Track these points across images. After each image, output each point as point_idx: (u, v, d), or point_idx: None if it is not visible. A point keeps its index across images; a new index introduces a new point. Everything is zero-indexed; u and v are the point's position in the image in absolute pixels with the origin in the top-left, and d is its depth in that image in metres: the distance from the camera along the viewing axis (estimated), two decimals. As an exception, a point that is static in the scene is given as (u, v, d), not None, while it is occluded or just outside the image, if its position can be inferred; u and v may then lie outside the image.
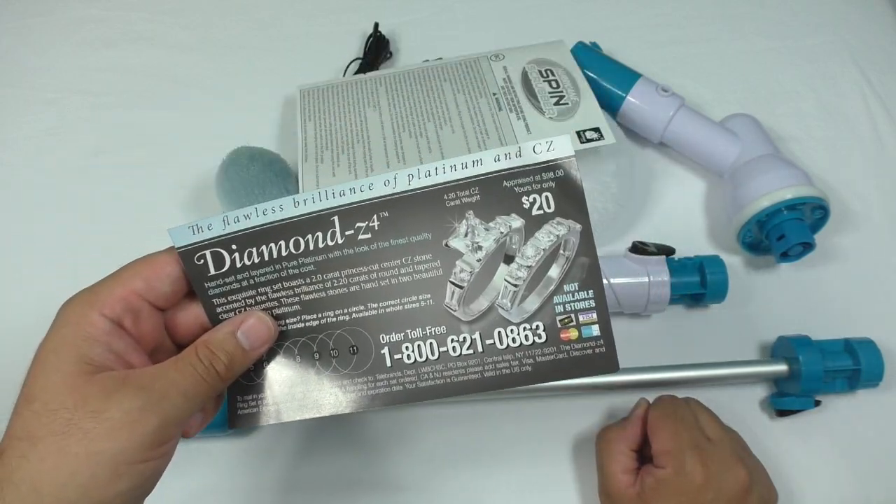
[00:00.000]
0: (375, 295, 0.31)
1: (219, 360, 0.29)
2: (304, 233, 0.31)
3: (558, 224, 0.31)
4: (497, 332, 0.31)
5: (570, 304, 0.31)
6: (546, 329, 0.31)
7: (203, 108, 0.65)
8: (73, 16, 0.70)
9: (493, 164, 0.31)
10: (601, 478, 0.45)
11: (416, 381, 0.31)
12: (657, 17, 0.68)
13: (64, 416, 0.26)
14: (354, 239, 0.31)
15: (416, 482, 0.49)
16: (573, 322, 0.31)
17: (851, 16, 0.67)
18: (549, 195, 0.30)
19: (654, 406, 0.45)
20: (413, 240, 0.31)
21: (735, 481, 0.40)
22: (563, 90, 0.53)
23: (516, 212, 0.31)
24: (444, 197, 0.31)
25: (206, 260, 0.31)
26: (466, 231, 0.31)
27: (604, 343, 0.31)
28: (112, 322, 0.28)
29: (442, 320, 0.31)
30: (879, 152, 0.60)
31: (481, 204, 0.31)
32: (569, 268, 0.31)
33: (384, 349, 0.32)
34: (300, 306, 0.32)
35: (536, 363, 0.31)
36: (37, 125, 0.64)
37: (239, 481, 0.49)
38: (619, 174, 0.54)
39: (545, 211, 0.31)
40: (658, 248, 0.51)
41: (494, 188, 0.31)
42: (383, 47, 0.65)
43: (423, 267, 0.31)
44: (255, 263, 0.32)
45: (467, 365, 0.31)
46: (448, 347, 0.31)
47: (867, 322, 0.52)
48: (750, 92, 0.63)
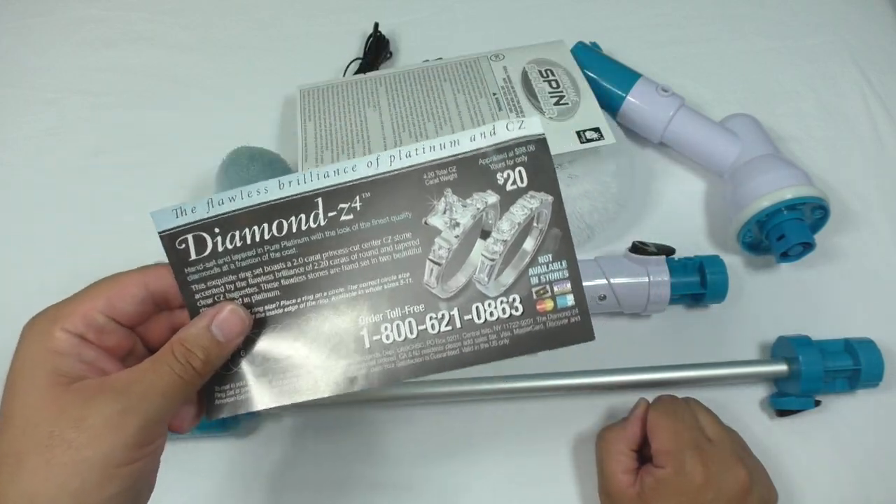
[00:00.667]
0: (356, 276, 0.32)
1: (195, 356, 0.29)
2: (288, 215, 0.32)
3: (531, 197, 0.32)
4: (475, 307, 0.31)
5: (545, 276, 0.32)
6: (522, 301, 0.31)
7: (203, 108, 0.65)
8: (73, 16, 0.70)
9: (469, 144, 0.32)
10: (601, 477, 0.45)
11: (394, 360, 0.32)
12: (657, 17, 0.68)
13: (46, 429, 0.26)
14: (337, 220, 0.32)
15: (415, 482, 0.49)
16: (548, 293, 0.32)
17: (851, 16, 0.67)
18: (522, 170, 0.31)
19: (654, 406, 0.45)
20: (394, 219, 0.32)
21: (735, 481, 0.40)
22: (563, 90, 0.53)
23: (492, 188, 0.32)
24: (424, 176, 0.32)
25: (187, 244, 0.32)
26: (445, 208, 0.32)
27: (578, 312, 0.32)
28: (76, 336, 0.28)
29: (421, 298, 0.32)
30: (879, 152, 0.60)
31: (459, 182, 0.32)
32: (542, 240, 0.32)
33: (363, 331, 0.32)
34: (280, 291, 0.32)
35: (514, 336, 0.31)
36: (37, 125, 0.64)
37: (239, 481, 0.49)
38: (619, 174, 0.54)
39: (518, 186, 0.31)
40: (658, 248, 0.51)
41: (471, 166, 0.32)
42: (383, 47, 0.65)
43: (403, 246, 0.32)
44: (236, 247, 0.32)
45: (446, 342, 0.31)
46: (427, 325, 0.32)
47: (867, 322, 0.52)
48: (750, 92, 0.63)
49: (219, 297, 0.32)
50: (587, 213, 0.53)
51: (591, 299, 0.50)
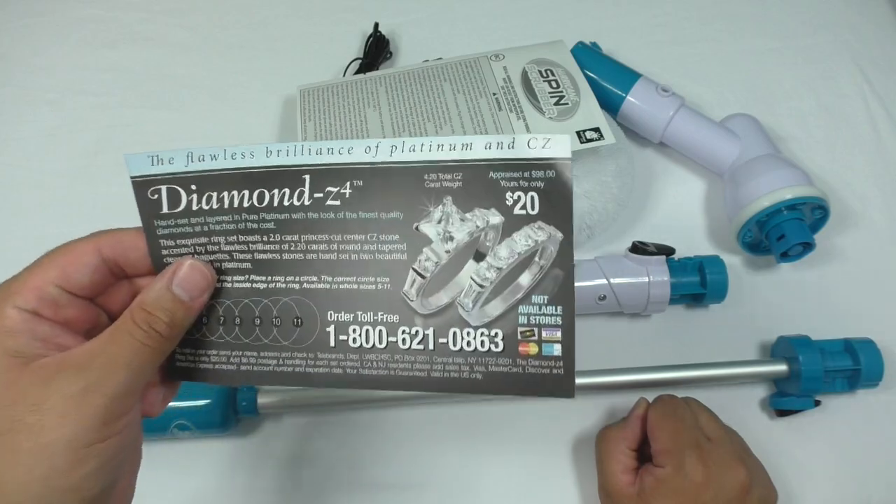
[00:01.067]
0: (332, 268, 0.29)
1: (158, 320, 0.27)
2: (271, 186, 0.29)
3: (539, 229, 0.28)
4: (452, 332, 0.29)
5: (536, 317, 0.29)
6: (505, 339, 0.29)
7: (203, 108, 0.65)
8: (73, 16, 0.70)
9: (482, 151, 0.28)
10: (601, 477, 0.45)
11: (358, 367, 0.29)
12: (657, 17, 0.68)
13: (6, 414, 0.24)
14: (322, 203, 0.29)
15: (415, 482, 0.49)
16: (535, 336, 0.29)
17: (851, 16, 0.67)
18: (536, 196, 0.28)
19: (654, 406, 0.45)
20: (383, 216, 0.29)
21: (735, 481, 0.40)
22: (563, 90, 0.53)
23: (497, 207, 0.28)
24: (425, 176, 0.29)
25: (160, 195, 0.29)
26: (441, 218, 0.29)
27: (563, 366, 0.29)
28: (28, 313, 0.26)
29: (396, 308, 0.29)
30: (879, 152, 0.60)
31: (462, 191, 0.28)
32: (541, 278, 0.28)
33: (330, 327, 0.29)
34: (251, 265, 0.30)
35: (488, 372, 0.29)
36: (37, 125, 0.64)
37: (239, 481, 0.49)
38: (620, 174, 0.54)
39: (528, 212, 0.28)
40: (658, 248, 0.51)
41: (479, 177, 0.28)
42: (383, 47, 0.65)
43: (388, 248, 0.29)
44: (212, 209, 0.29)
45: (415, 360, 0.29)
46: (398, 338, 0.29)
47: (867, 322, 0.52)
48: (750, 92, 0.63)
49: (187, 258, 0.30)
50: (587, 213, 0.53)
51: (591, 299, 0.50)
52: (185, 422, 0.47)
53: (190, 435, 0.48)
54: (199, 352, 0.30)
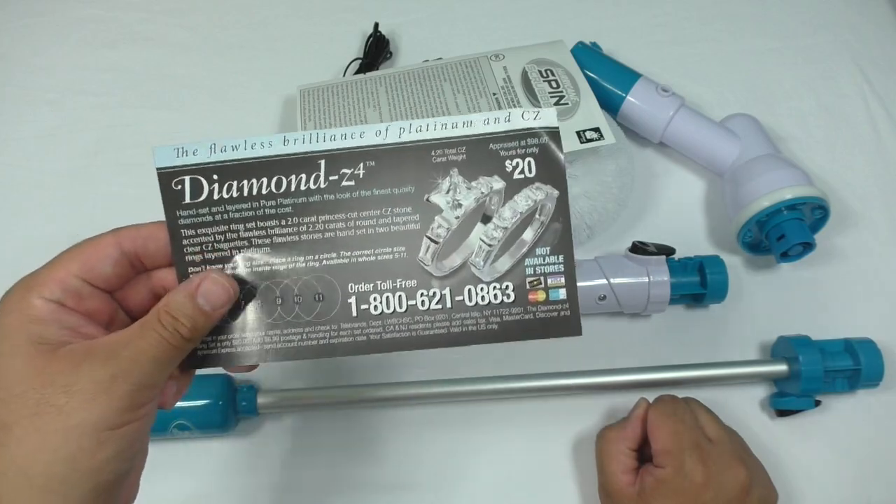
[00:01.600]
0: (350, 243, 0.32)
1: (182, 324, 0.28)
2: (288, 173, 0.31)
3: (537, 189, 0.31)
4: (467, 290, 0.31)
5: (541, 267, 0.32)
6: (515, 289, 0.32)
7: (203, 108, 0.65)
8: (73, 16, 0.70)
9: (482, 127, 0.31)
10: (601, 477, 0.45)
11: (381, 332, 0.31)
12: (657, 17, 0.68)
13: (33, 396, 0.26)
14: (337, 185, 0.31)
15: (415, 482, 0.49)
16: (542, 284, 0.32)
17: (851, 16, 0.67)
18: (532, 160, 0.31)
19: (654, 406, 0.45)
20: (396, 191, 0.32)
21: (735, 481, 0.40)
22: (563, 90, 0.53)
23: (499, 174, 0.32)
24: (432, 153, 0.31)
25: (183, 186, 0.31)
26: (449, 188, 0.32)
27: (569, 307, 0.32)
28: (53, 303, 0.28)
29: (413, 274, 0.32)
30: (879, 152, 0.60)
31: (466, 163, 0.31)
32: (542, 232, 0.32)
33: (351, 298, 0.31)
34: (270, 248, 0.32)
35: (503, 322, 0.32)
36: (37, 125, 0.64)
37: (239, 481, 0.49)
38: (620, 174, 0.54)
39: (526, 175, 0.31)
40: (658, 248, 0.51)
41: (481, 149, 0.31)
42: (383, 47, 0.65)
43: (402, 219, 0.32)
44: (232, 198, 0.31)
45: (434, 319, 0.31)
46: (417, 301, 0.31)
47: (867, 322, 0.52)
48: (750, 92, 0.63)
49: (207, 246, 0.31)
50: (587, 213, 0.53)
51: (591, 299, 0.50)
52: (185, 422, 0.47)
53: (190, 435, 0.48)
54: (219, 337, 0.31)
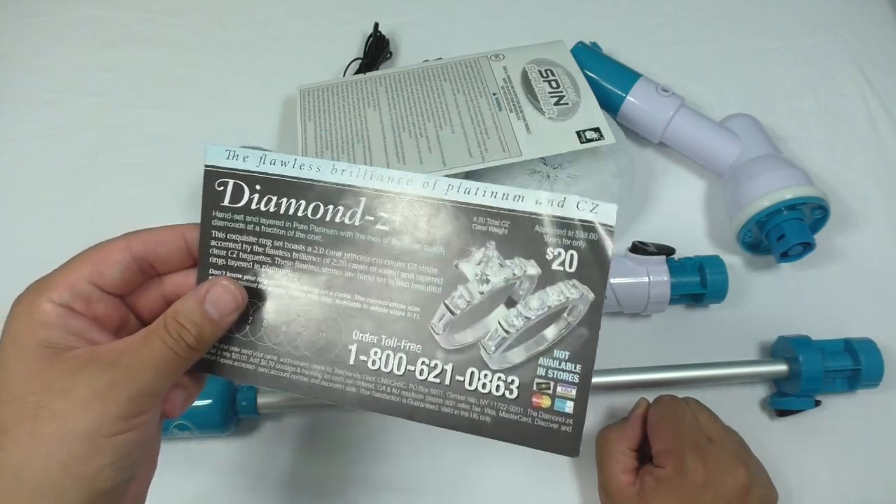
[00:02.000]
0: (367, 289, 0.31)
1: (188, 332, 0.28)
2: (327, 201, 0.31)
3: (573, 287, 0.29)
4: (470, 372, 0.30)
5: (554, 372, 0.29)
6: (520, 387, 0.30)
7: (203, 108, 0.65)
8: (73, 16, 0.70)
9: (532, 206, 0.30)
10: (601, 477, 0.45)
11: (372, 389, 0.30)
12: (657, 17, 0.68)
13: (32, 400, 0.26)
14: (371, 227, 0.31)
15: (415, 482, 0.49)
16: (550, 390, 0.29)
17: (851, 16, 0.67)
18: (575, 255, 0.30)
19: (654, 406, 0.45)
20: (426, 249, 0.30)
21: (735, 481, 0.40)
22: (563, 90, 0.53)
23: (537, 259, 0.30)
24: (474, 218, 0.30)
25: (226, 188, 0.31)
26: (481, 260, 0.30)
27: (573, 424, 0.29)
28: (62, 307, 0.28)
29: (421, 339, 0.30)
30: (879, 152, 0.60)
31: (506, 238, 0.30)
32: (566, 334, 0.30)
33: (353, 345, 0.31)
34: (291, 272, 0.31)
35: (497, 417, 0.30)
36: (37, 125, 0.64)
37: (239, 481, 0.49)
38: (620, 174, 0.54)
39: (565, 269, 0.30)
40: (658, 248, 0.51)
41: (524, 228, 0.30)
42: (383, 47, 0.65)
43: (425, 279, 0.30)
44: (269, 212, 0.31)
45: (428, 393, 0.30)
46: (416, 368, 0.30)
47: (867, 322, 0.52)
48: (750, 92, 0.63)
49: (232, 253, 0.31)
50: (587, 213, 0.53)
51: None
52: (185, 422, 0.47)
53: (190, 435, 0.48)
54: (222, 346, 0.31)
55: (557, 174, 0.52)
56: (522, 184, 0.52)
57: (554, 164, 0.52)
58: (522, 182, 0.52)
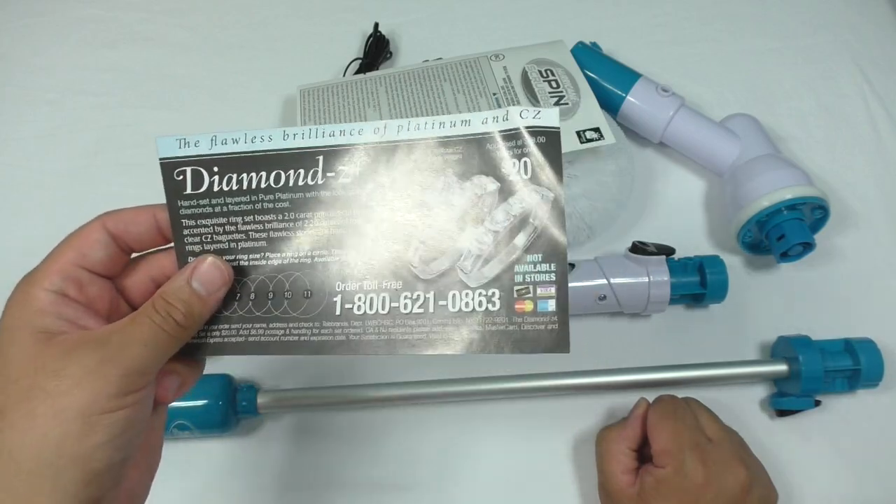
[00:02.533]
0: (342, 241, 0.31)
1: (176, 309, 0.29)
2: (287, 167, 0.31)
3: (533, 191, 0.30)
4: (451, 295, 0.30)
5: (531, 275, 0.30)
6: (501, 297, 0.30)
7: (203, 108, 0.65)
8: (73, 16, 0.70)
9: (479, 126, 0.31)
10: (601, 477, 0.45)
11: (360, 333, 0.31)
12: (657, 17, 0.68)
13: (26, 382, 0.26)
14: (335, 181, 0.31)
15: (415, 482, 0.49)
16: (530, 294, 0.30)
17: (851, 16, 0.67)
18: (528, 161, 0.30)
19: (654, 406, 0.45)
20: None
21: (735, 481, 0.40)
22: (563, 90, 0.53)
23: (493, 175, 0.30)
24: (429, 151, 0.31)
25: (185, 176, 0.32)
26: (443, 187, 0.31)
27: (558, 320, 0.29)
28: (55, 293, 0.28)
29: (400, 276, 0.31)
30: (879, 152, 0.60)
31: (462, 162, 0.31)
32: (535, 237, 0.30)
33: (337, 297, 0.31)
34: (266, 243, 0.32)
35: (485, 331, 0.30)
36: (37, 125, 0.64)
37: (239, 481, 0.49)
38: (620, 174, 0.54)
39: (521, 177, 0.30)
40: (658, 248, 0.51)
41: (477, 148, 0.30)
42: (383, 47, 0.65)
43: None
44: (231, 190, 0.31)
45: (415, 324, 0.30)
46: (400, 303, 0.30)
47: (867, 322, 0.52)
48: (750, 92, 0.63)
49: (206, 237, 0.32)
50: (587, 213, 0.53)
51: (591, 299, 0.50)
52: (185, 422, 0.47)
53: (190, 435, 0.48)
54: (210, 328, 0.32)
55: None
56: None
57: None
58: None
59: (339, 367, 0.53)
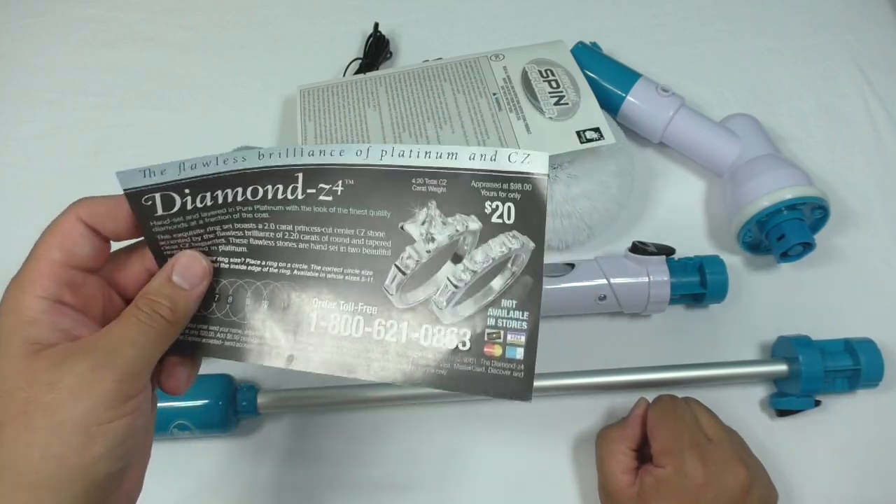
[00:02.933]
0: (321, 258, 0.31)
1: (161, 304, 0.29)
2: (265, 183, 0.31)
3: (514, 237, 0.30)
4: (424, 328, 0.30)
5: (503, 321, 0.30)
6: (472, 338, 0.30)
7: (203, 108, 0.65)
8: (73, 16, 0.70)
9: (466, 162, 0.30)
10: (601, 477, 0.45)
11: (334, 353, 0.31)
12: (657, 17, 0.68)
13: (21, 396, 0.26)
14: (315, 198, 0.31)
15: (415, 482, 0.49)
16: (500, 339, 0.30)
17: (851, 16, 0.67)
18: (512, 206, 0.30)
19: (654, 406, 0.45)
20: (372, 213, 0.31)
21: (735, 481, 0.40)
22: (563, 90, 0.53)
23: (477, 214, 0.30)
24: (412, 181, 0.31)
25: (154, 202, 0.31)
26: (425, 219, 0.31)
27: (524, 368, 0.30)
28: (50, 300, 0.28)
29: (376, 301, 0.31)
30: (879, 152, 0.60)
31: (446, 197, 0.30)
32: (512, 283, 0.30)
33: (313, 313, 0.31)
34: (247, 248, 0.32)
35: (452, 369, 0.30)
36: (37, 125, 0.64)
37: (239, 481, 0.49)
38: (619, 174, 0.54)
39: (504, 221, 0.30)
40: (658, 248, 0.51)
41: (462, 185, 0.30)
42: (383, 47, 0.65)
43: (374, 243, 0.31)
44: (207, 206, 0.31)
45: (385, 351, 0.31)
46: (374, 329, 0.31)
47: (867, 322, 0.52)
48: (750, 92, 0.63)
49: (184, 245, 0.31)
50: (587, 213, 0.53)
51: (591, 299, 0.50)
52: (185, 422, 0.47)
53: (190, 435, 0.48)
54: (189, 326, 0.31)
55: (557, 174, 0.52)
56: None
57: (554, 164, 0.52)
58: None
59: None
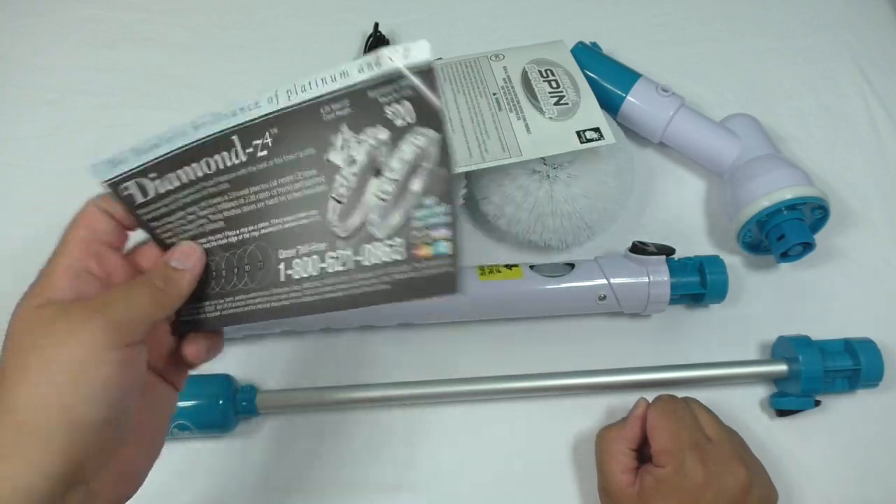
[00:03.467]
0: (276, 211, 0.32)
1: (157, 276, 0.31)
2: (212, 154, 0.33)
3: (419, 135, 0.30)
4: (366, 249, 0.31)
5: (427, 219, 0.30)
6: (405, 245, 0.30)
7: (203, 108, 0.64)
8: (73, 16, 0.70)
9: (357, 75, 0.30)
10: (601, 477, 0.45)
11: (299, 296, 0.32)
12: (657, 17, 0.68)
13: (26, 341, 0.28)
14: (254, 156, 0.32)
15: (415, 482, 0.49)
16: (427, 238, 0.30)
17: (851, 16, 0.67)
18: (409, 104, 0.29)
19: (654, 406, 0.45)
20: (300, 155, 0.32)
21: (735, 481, 0.40)
22: (563, 90, 0.53)
23: (382, 123, 0.30)
24: (321, 111, 0.31)
25: (130, 191, 0.33)
26: (342, 144, 0.31)
27: (453, 262, 0.29)
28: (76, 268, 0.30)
29: (324, 236, 0.31)
30: (879, 152, 0.60)
31: (353, 116, 0.30)
32: (429, 180, 0.30)
33: (280, 264, 0.32)
34: (224, 223, 0.33)
35: (393, 281, 0.30)
36: (37, 125, 0.64)
37: (239, 481, 0.49)
38: (619, 174, 0.54)
39: (407, 122, 0.30)
40: (658, 248, 0.51)
41: (362, 100, 0.30)
42: (383, 47, 0.65)
43: (311, 182, 0.32)
44: (176, 188, 0.33)
45: (339, 282, 0.31)
46: (327, 264, 0.31)
47: (867, 322, 0.52)
48: (750, 92, 0.63)
49: (177, 229, 0.34)
50: (587, 213, 0.53)
51: (591, 299, 0.50)
52: (185, 421, 0.47)
53: (190, 435, 0.48)
54: (189, 305, 0.33)
55: (557, 174, 0.52)
56: (523, 184, 0.52)
57: (554, 164, 0.52)
58: (522, 182, 0.52)
59: (339, 367, 0.53)
